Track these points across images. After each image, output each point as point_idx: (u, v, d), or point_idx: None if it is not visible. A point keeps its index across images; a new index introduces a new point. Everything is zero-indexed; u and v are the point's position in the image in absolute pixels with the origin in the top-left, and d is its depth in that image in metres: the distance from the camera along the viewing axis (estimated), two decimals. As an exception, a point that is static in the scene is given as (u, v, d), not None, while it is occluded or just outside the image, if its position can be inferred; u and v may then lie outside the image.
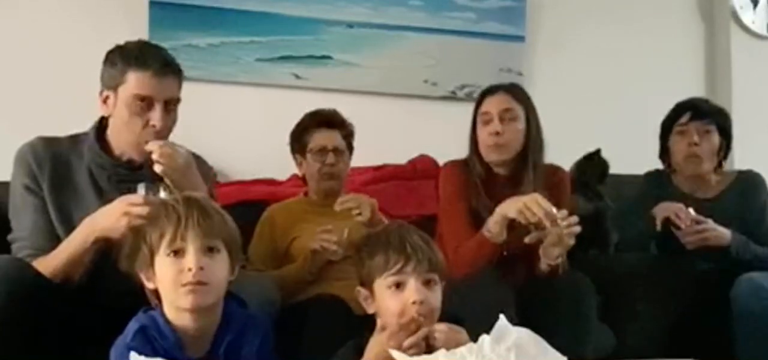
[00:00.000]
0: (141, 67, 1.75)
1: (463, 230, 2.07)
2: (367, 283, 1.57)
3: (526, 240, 1.95)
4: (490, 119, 2.13)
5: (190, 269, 1.36)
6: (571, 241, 1.92)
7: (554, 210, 1.88)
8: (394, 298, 1.50)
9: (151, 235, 1.40)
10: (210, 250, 1.40)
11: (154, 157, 1.70)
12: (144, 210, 1.53)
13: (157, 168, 1.70)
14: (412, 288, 1.49)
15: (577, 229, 1.91)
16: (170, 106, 1.80)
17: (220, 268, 1.42)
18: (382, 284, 1.52)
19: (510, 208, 1.94)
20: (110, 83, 1.79)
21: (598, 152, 2.62)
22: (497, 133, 2.11)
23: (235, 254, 1.48)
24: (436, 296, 1.53)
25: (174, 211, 1.40)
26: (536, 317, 1.66)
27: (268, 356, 1.50)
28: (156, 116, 1.76)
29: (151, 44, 1.88)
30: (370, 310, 1.58)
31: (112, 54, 1.80)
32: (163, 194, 1.62)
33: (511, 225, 1.98)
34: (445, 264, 1.59)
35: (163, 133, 1.78)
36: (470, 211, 2.12)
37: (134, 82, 1.75)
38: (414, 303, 1.48)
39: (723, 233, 2.23)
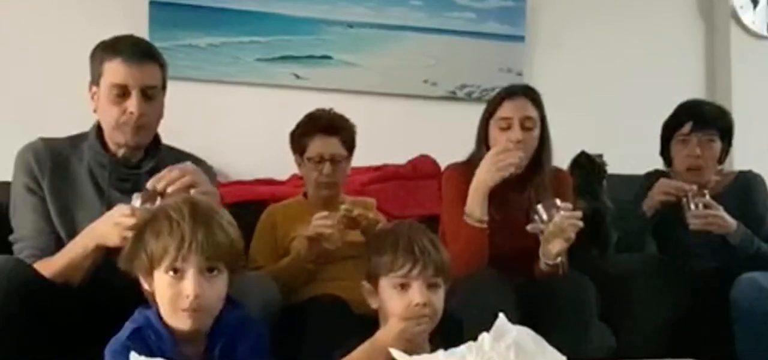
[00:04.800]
0: (114, 55, 1.76)
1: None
2: (373, 279, 1.57)
3: (529, 228, 1.95)
4: (510, 126, 2.08)
5: (187, 296, 1.34)
6: (572, 234, 1.91)
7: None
8: (398, 298, 1.52)
9: (153, 248, 1.37)
10: (209, 270, 1.38)
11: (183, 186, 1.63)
12: (132, 221, 1.51)
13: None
14: (417, 290, 1.51)
15: (580, 223, 1.91)
16: (149, 93, 1.79)
17: (218, 289, 1.40)
18: (387, 283, 1.54)
19: (484, 177, 1.97)
20: (94, 78, 1.81)
21: (584, 153, 2.61)
22: (518, 142, 2.07)
23: (236, 268, 1.45)
24: (439, 298, 1.55)
25: (178, 229, 1.35)
26: (536, 317, 1.67)
27: (263, 356, 1.49)
28: (132, 103, 1.76)
29: (129, 35, 1.85)
30: (374, 305, 1.59)
31: (95, 49, 1.82)
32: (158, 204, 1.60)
33: (516, 226, 1.97)
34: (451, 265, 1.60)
35: (142, 121, 1.78)
36: None
37: (109, 71, 1.76)
38: (417, 305, 1.49)
39: (730, 222, 2.23)
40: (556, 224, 1.89)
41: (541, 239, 1.96)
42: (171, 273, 1.36)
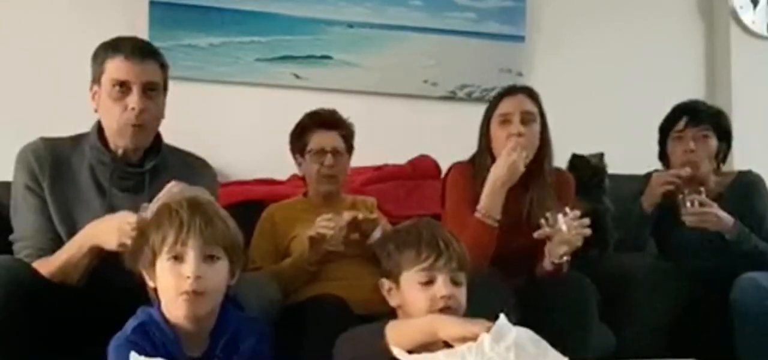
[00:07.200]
0: (115, 52, 1.78)
1: None
2: (393, 275, 1.57)
3: (536, 235, 1.96)
4: (510, 120, 2.11)
5: (188, 277, 1.37)
6: (579, 242, 1.92)
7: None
8: (423, 292, 1.52)
9: (154, 238, 1.41)
10: (210, 257, 1.40)
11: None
12: (135, 233, 1.53)
13: None
14: (441, 283, 1.51)
15: (587, 231, 1.92)
16: (150, 91, 1.81)
17: (219, 276, 1.42)
18: (410, 278, 1.54)
19: (500, 173, 1.98)
20: (95, 77, 1.82)
21: (577, 155, 2.61)
22: (519, 134, 2.09)
23: (237, 260, 1.48)
24: (462, 293, 1.55)
25: (177, 216, 1.40)
26: (536, 317, 1.66)
27: (265, 355, 1.50)
28: (133, 99, 1.77)
29: (131, 36, 1.88)
30: (393, 302, 1.59)
31: (97, 49, 1.83)
32: None
33: (518, 226, 1.98)
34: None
35: (142, 118, 1.79)
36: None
37: (111, 68, 1.78)
38: (442, 297, 1.49)
39: (725, 219, 2.24)
40: (563, 233, 1.91)
41: (546, 245, 1.97)
42: (172, 260, 1.39)
